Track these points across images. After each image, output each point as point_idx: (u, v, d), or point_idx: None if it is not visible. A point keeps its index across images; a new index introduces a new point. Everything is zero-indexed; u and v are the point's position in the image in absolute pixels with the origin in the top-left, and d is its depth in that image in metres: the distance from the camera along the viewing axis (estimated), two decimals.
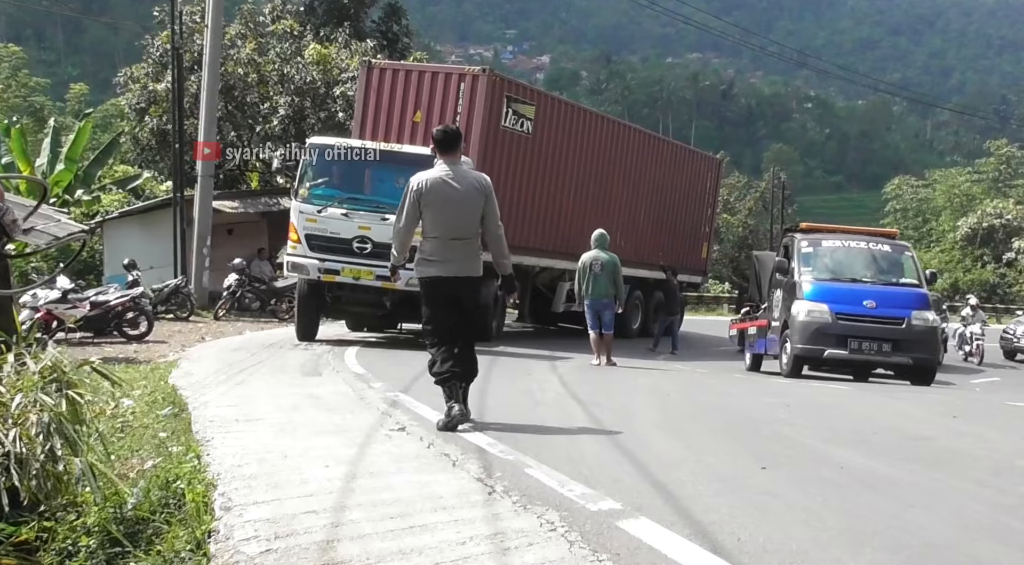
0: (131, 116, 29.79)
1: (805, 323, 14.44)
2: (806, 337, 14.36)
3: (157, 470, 5.67)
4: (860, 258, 15.39)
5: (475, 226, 7.09)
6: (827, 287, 14.74)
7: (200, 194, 22.33)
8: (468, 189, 7.06)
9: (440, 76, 17.69)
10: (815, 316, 14.42)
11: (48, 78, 74.20)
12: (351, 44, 28.33)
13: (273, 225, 24.69)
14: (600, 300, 14.09)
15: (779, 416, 8.70)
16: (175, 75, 24.27)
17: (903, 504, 5.08)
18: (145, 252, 23.06)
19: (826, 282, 14.83)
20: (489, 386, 9.24)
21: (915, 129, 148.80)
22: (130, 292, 16.97)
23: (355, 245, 14.36)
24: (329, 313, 16.31)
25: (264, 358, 12.42)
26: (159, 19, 30.21)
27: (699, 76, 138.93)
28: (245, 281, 21.83)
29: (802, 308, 14.55)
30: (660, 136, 30.06)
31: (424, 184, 7.07)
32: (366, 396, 8.66)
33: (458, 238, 7.03)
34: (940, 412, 9.66)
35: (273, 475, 5.32)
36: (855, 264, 15.32)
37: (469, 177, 7.23)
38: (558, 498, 4.82)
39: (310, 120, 27.23)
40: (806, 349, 14.40)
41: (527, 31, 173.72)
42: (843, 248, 15.60)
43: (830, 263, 15.28)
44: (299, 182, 14.91)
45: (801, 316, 14.48)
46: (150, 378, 10.33)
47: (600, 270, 14.08)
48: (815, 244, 15.54)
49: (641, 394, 10.19)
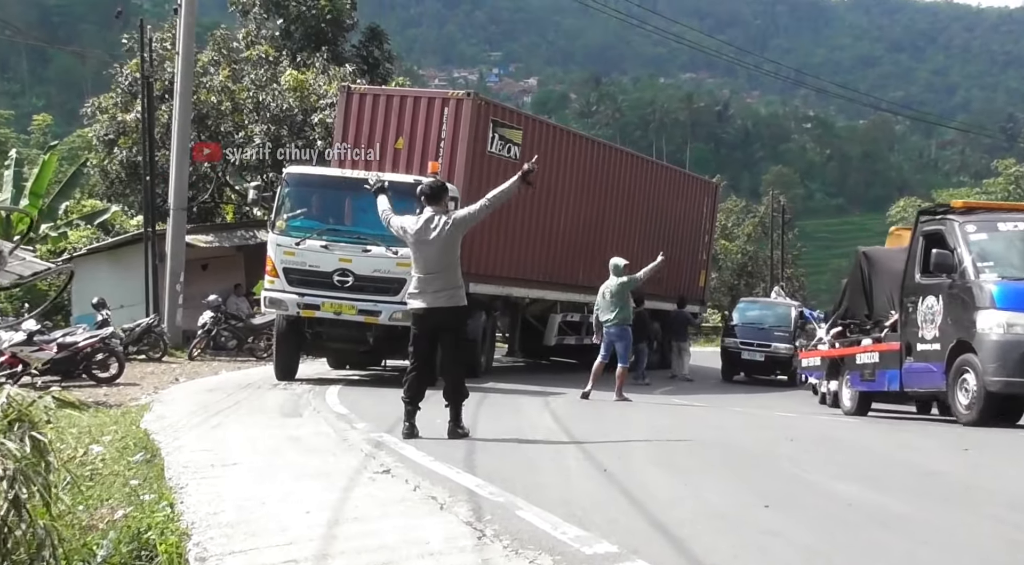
0: (99, 148, 29.80)
1: (1003, 344, 10.77)
2: (1010, 364, 10.68)
3: (128, 520, 5.63)
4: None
5: (447, 261, 8.57)
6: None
7: (172, 228, 22.30)
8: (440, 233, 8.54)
9: (423, 101, 17.77)
10: (1018, 332, 10.77)
11: (12, 110, 74.33)
12: (329, 69, 28.44)
13: (250, 259, 24.67)
14: (609, 329, 14.15)
15: (782, 451, 8.69)
16: (145, 105, 24.32)
17: (915, 542, 5.07)
18: (115, 290, 22.99)
19: (1021, 282, 11.14)
20: (478, 424, 9.23)
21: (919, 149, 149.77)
22: (99, 332, 16.90)
23: (336, 278, 14.35)
24: (309, 350, 16.26)
25: (241, 399, 12.37)
26: (128, 47, 30.32)
27: (693, 97, 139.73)
28: (221, 318, 21.77)
29: (994, 321, 10.86)
30: (654, 160, 30.25)
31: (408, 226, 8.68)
32: (349, 437, 8.64)
33: (432, 272, 8.51)
34: (953, 445, 9.66)
35: (251, 523, 5.29)
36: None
37: (440, 222, 8.60)
38: (551, 541, 4.80)
39: (287, 149, 27.25)
40: (1009, 382, 10.74)
41: (513, 53, 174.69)
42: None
43: (1019, 255, 11.64)
44: (276, 213, 14.91)
45: (995, 332, 10.83)
46: (121, 422, 10.26)
47: (610, 297, 14.18)
48: (988, 228, 11.78)
49: (637, 430, 10.17)
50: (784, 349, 21.72)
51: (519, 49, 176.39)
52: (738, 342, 22.43)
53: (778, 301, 25.49)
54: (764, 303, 25.66)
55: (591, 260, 20.86)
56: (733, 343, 22.51)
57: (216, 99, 27.74)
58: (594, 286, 20.85)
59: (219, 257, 25.72)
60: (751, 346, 22.22)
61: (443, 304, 8.55)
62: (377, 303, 14.22)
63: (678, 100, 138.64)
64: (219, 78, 28.23)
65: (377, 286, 14.26)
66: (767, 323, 22.96)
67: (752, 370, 22.46)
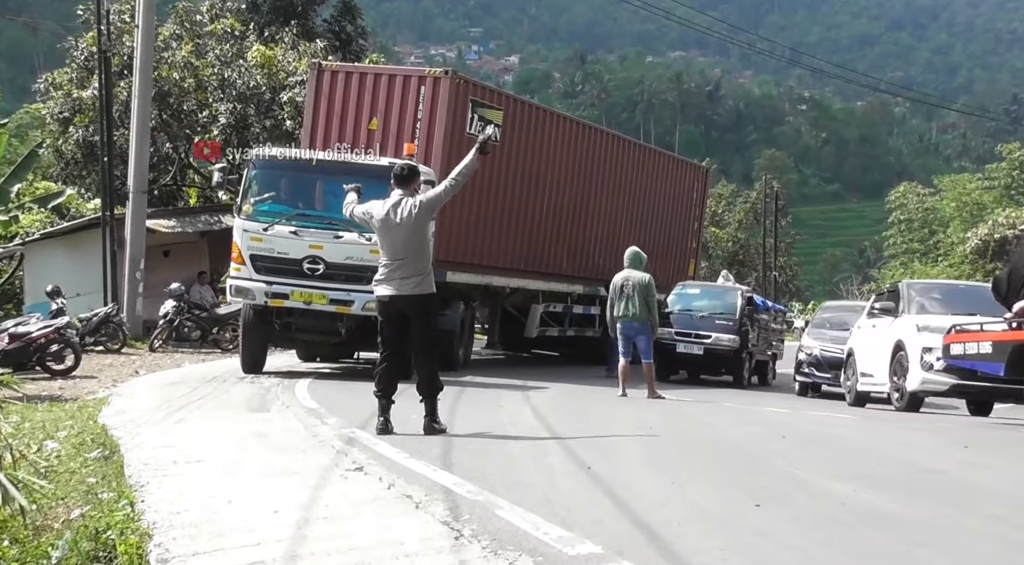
0: (53, 126, 29.62)
1: None
2: None
3: (85, 520, 5.63)
4: None
5: (416, 247, 8.72)
6: None
7: (132, 212, 22.21)
8: (407, 217, 8.67)
9: (398, 79, 17.73)
10: None
11: None
12: (299, 45, 28.32)
13: (214, 245, 24.59)
14: (632, 324, 14.13)
15: (774, 449, 8.76)
16: (102, 81, 24.15)
17: (910, 543, 5.13)
18: (71, 277, 22.87)
19: None
20: (456, 419, 9.25)
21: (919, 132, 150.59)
22: (54, 322, 16.82)
23: (306, 266, 14.32)
24: (278, 342, 16.24)
25: (206, 393, 12.35)
26: (84, 19, 30.12)
27: (683, 76, 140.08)
28: (184, 308, 21.70)
29: None
30: (641, 143, 30.28)
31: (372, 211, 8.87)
32: (319, 433, 8.65)
33: (400, 258, 8.67)
34: (950, 442, 9.76)
35: (216, 522, 5.30)
36: None
37: (407, 205, 8.73)
38: (532, 542, 4.83)
39: (254, 129, 27.19)
40: None
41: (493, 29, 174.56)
42: None
43: None
44: (242, 198, 14.86)
45: None
46: (77, 417, 10.25)
47: (632, 291, 14.10)
48: None
49: (623, 426, 10.23)
50: (727, 341, 19.10)
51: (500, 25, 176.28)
52: (673, 333, 19.15)
53: (724, 286, 22.89)
54: (707, 287, 22.21)
55: (575, 248, 20.93)
56: (668, 334, 18.82)
57: (178, 75, 27.61)
58: (578, 275, 21.11)
59: (182, 243, 25.62)
60: (687, 337, 19.23)
61: (409, 291, 8.63)
62: (350, 292, 14.20)
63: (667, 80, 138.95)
64: (181, 53, 28.09)
65: (349, 274, 14.23)
66: (709, 311, 19.93)
67: (692, 366, 19.82)
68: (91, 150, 27.49)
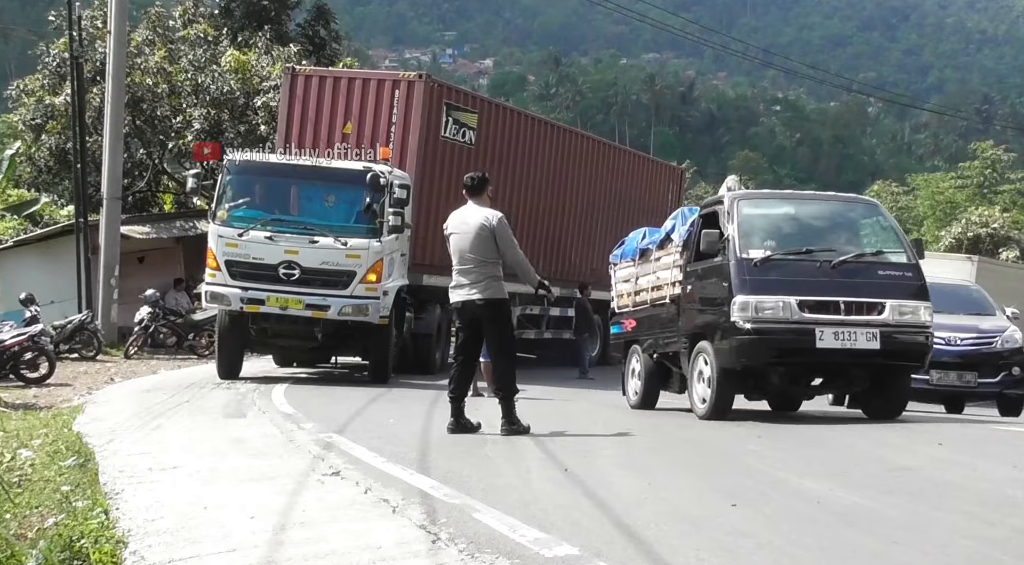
0: (25, 134, 29.45)
1: None
2: None
3: (60, 528, 5.60)
4: None
5: (482, 256, 8.88)
6: None
7: (106, 219, 22.10)
8: (473, 225, 8.97)
9: (372, 83, 17.73)
10: None
11: None
12: (273, 50, 28.29)
13: (189, 251, 24.51)
14: None
15: (750, 448, 8.78)
16: (75, 87, 24.03)
17: (885, 540, 5.15)
18: (45, 285, 22.74)
19: None
20: (432, 424, 9.25)
21: (892, 132, 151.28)
22: (28, 330, 16.73)
23: (281, 271, 14.30)
24: (254, 347, 16.21)
25: (182, 399, 12.29)
26: (55, 25, 29.90)
27: (656, 78, 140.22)
28: (159, 314, 21.62)
29: None
30: (616, 145, 30.37)
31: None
32: (296, 438, 8.62)
33: (467, 265, 8.95)
34: (925, 440, 9.80)
35: (192, 529, 5.27)
36: None
37: (477, 215, 9.02)
38: (509, 545, 4.84)
39: (228, 134, 27.11)
40: None
41: (468, 32, 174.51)
42: None
43: None
44: (217, 203, 14.82)
45: None
46: (52, 425, 10.18)
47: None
48: None
49: (600, 428, 10.24)
50: None
51: (474, 28, 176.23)
52: None
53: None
54: None
55: (551, 250, 20.95)
56: None
57: (152, 81, 27.50)
58: (554, 277, 21.06)
59: (157, 249, 25.55)
60: None
61: (479, 296, 8.94)
62: (326, 297, 14.19)
63: (641, 82, 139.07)
64: (155, 59, 27.98)
65: (325, 279, 14.22)
66: None
67: None
68: (64, 157, 27.37)
